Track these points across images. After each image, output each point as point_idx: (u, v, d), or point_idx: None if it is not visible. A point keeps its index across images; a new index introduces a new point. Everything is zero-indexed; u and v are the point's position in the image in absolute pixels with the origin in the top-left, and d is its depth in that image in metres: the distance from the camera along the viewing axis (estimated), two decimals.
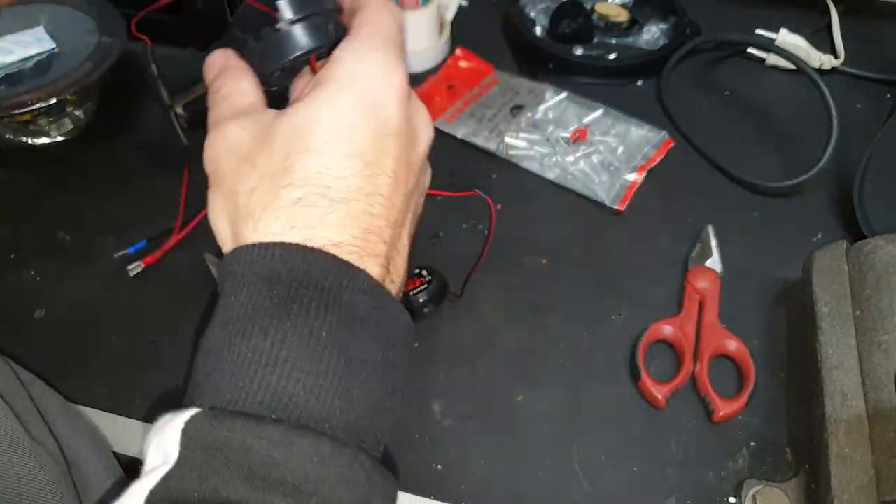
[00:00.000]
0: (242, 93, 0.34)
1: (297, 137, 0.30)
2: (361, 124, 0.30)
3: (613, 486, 0.44)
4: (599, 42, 0.71)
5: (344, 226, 0.29)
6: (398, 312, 0.31)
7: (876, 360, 0.42)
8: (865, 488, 0.39)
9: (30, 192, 0.59)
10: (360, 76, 0.31)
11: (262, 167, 0.30)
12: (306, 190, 0.29)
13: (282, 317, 0.27)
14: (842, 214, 0.58)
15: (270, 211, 0.29)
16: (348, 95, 0.31)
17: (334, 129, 0.30)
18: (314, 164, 0.29)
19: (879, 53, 0.70)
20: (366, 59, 0.32)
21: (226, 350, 0.27)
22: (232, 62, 0.36)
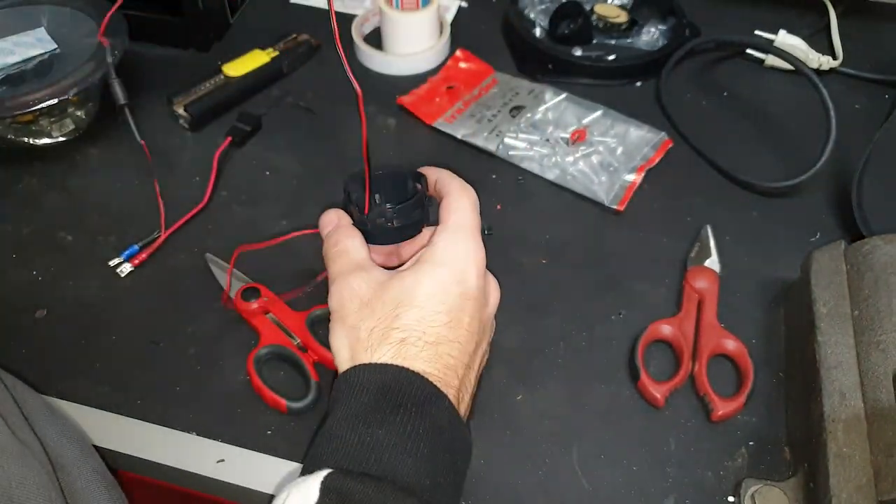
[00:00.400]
0: (356, 249, 0.43)
1: (405, 295, 0.40)
2: (451, 290, 0.40)
3: (613, 486, 0.44)
4: (599, 43, 0.71)
5: (432, 361, 0.39)
6: (466, 434, 0.40)
7: (874, 359, 0.42)
8: (864, 487, 0.39)
9: (31, 192, 0.60)
10: (451, 256, 0.41)
11: (378, 313, 0.39)
12: (408, 333, 0.39)
13: (391, 415, 0.36)
14: (840, 214, 0.58)
15: (383, 345, 0.39)
16: (443, 270, 0.40)
17: (431, 292, 0.40)
18: (415, 315, 0.39)
19: (878, 54, 0.71)
20: (456, 243, 0.41)
21: (349, 433, 0.36)
22: (344, 221, 0.44)
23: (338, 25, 0.38)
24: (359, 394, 0.38)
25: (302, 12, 0.75)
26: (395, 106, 0.66)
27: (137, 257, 0.54)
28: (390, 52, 0.69)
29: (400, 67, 0.69)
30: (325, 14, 0.74)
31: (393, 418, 0.37)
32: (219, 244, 0.55)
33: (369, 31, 0.73)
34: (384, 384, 0.38)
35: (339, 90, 0.40)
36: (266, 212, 0.59)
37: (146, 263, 0.54)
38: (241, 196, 0.59)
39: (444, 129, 0.63)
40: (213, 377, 0.49)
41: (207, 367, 0.49)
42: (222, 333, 0.51)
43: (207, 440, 0.46)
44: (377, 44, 0.70)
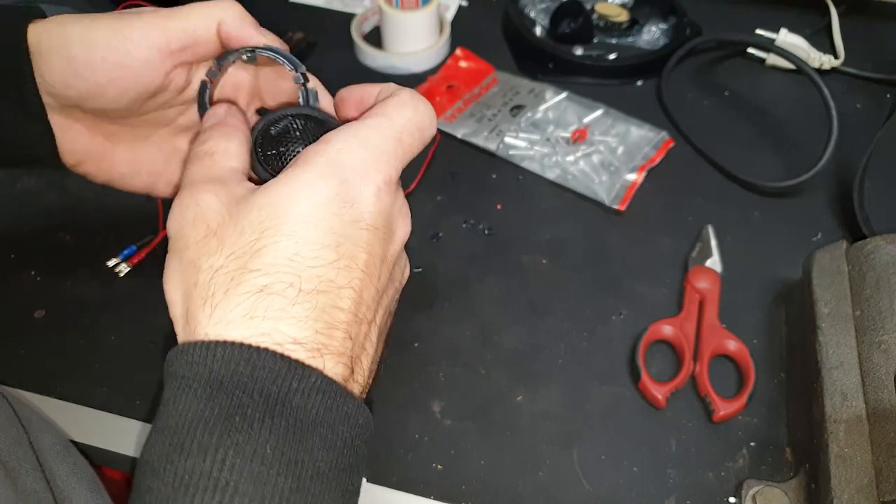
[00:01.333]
0: (227, 154, 0.33)
1: (272, 217, 0.29)
2: (339, 212, 0.30)
3: (613, 487, 0.44)
4: (599, 42, 0.71)
5: (308, 319, 0.28)
6: (355, 410, 0.29)
7: (876, 360, 0.42)
8: (865, 488, 0.39)
9: (30, 192, 0.59)
10: (343, 162, 0.30)
11: (231, 245, 0.29)
12: (274, 277, 0.28)
13: (223, 432, 0.25)
14: (842, 214, 0.58)
15: (232, 296, 0.28)
16: (329, 183, 0.30)
17: (311, 214, 0.29)
18: (287, 249, 0.28)
19: (879, 53, 0.71)
20: (357, 146, 0.31)
21: (163, 467, 0.25)
22: (232, 119, 0.35)
23: (337, 24, 0.38)
24: (178, 395, 0.26)
25: (299, 11, 0.75)
26: None
27: (136, 257, 0.54)
28: (390, 50, 0.69)
29: (399, 66, 0.69)
30: (321, 12, 0.74)
31: (224, 437, 0.25)
32: None
33: (369, 30, 0.73)
34: (214, 376, 0.26)
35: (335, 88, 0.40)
36: None
37: (144, 263, 0.54)
38: None
39: (443, 129, 0.63)
40: None
41: None
42: None
43: None
44: (377, 42, 0.70)
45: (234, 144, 0.34)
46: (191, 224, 0.30)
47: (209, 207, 0.30)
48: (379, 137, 0.32)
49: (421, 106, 0.34)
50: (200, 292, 0.28)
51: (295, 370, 0.27)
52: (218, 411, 0.26)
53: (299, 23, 0.72)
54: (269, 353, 0.27)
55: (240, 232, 0.29)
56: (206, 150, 0.33)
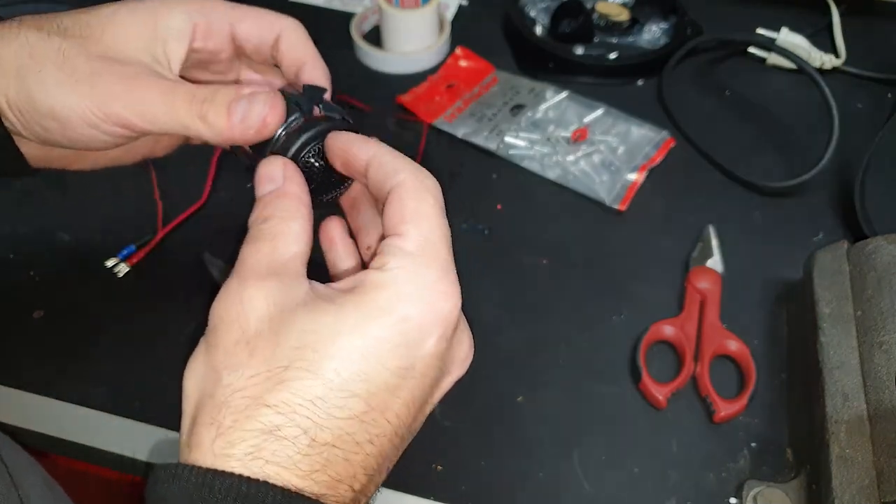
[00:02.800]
0: (289, 238, 0.29)
1: (310, 346, 0.26)
2: (386, 360, 0.26)
3: (614, 487, 0.44)
4: (600, 41, 0.71)
5: (314, 472, 0.25)
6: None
7: (877, 360, 0.42)
8: (866, 489, 0.39)
9: (30, 192, 0.59)
10: (405, 300, 0.27)
11: (258, 363, 0.26)
12: (289, 419, 0.25)
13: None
14: (843, 214, 0.58)
15: (239, 430, 0.25)
16: (384, 322, 0.26)
17: (353, 357, 0.26)
18: (312, 389, 0.25)
19: (880, 53, 0.70)
20: (417, 281, 0.27)
21: None
22: (291, 185, 0.31)
23: (337, 23, 0.38)
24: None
25: (298, 10, 0.75)
26: (395, 105, 0.65)
27: (135, 257, 0.54)
28: (390, 50, 0.69)
29: (399, 66, 0.69)
30: (320, 11, 0.73)
31: None
32: (217, 244, 0.55)
33: (369, 30, 0.73)
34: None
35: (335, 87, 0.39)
36: None
37: (143, 263, 0.54)
38: (239, 196, 0.59)
39: (443, 128, 0.63)
40: None
41: None
42: None
43: None
44: (376, 42, 0.70)
45: (297, 225, 0.30)
46: (229, 323, 0.27)
47: (253, 310, 0.27)
48: (438, 255, 0.28)
49: (430, 182, 0.31)
50: (212, 409, 0.26)
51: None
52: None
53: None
54: (266, 486, 0.25)
55: (272, 351, 0.26)
56: (269, 232, 0.29)
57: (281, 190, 0.31)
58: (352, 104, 0.64)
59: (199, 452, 0.25)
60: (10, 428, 0.46)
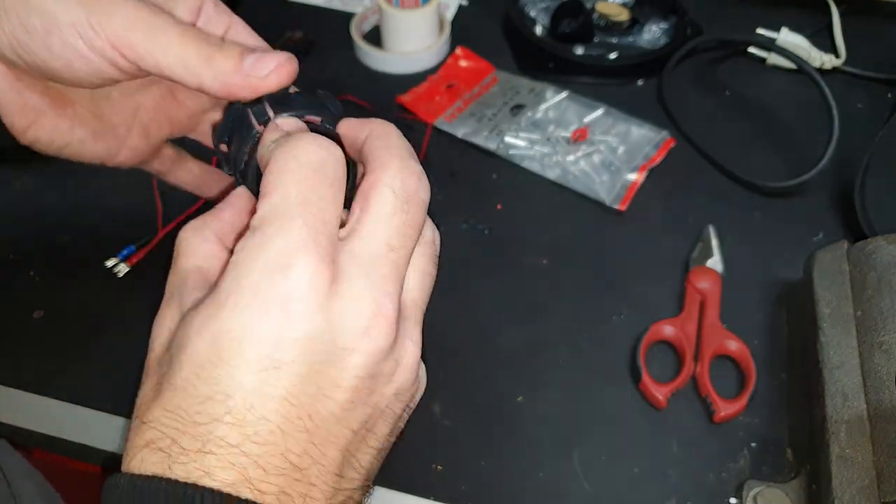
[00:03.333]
0: (189, 251, 0.31)
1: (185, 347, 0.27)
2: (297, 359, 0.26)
3: (614, 487, 0.44)
4: (600, 41, 0.71)
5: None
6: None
7: (877, 360, 0.42)
8: (866, 489, 0.39)
9: (30, 192, 0.59)
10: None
11: (154, 369, 0.27)
12: (160, 432, 0.25)
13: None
14: (843, 214, 0.58)
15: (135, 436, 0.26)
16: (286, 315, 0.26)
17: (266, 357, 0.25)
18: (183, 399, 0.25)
19: (880, 53, 0.70)
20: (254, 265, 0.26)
21: None
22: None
23: (336, 23, 0.38)
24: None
25: (298, 10, 0.75)
26: (395, 105, 0.65)
27: (135, 257, 0.54)
28: (390, 50, 0.69)
29: (399, 66, 0.69)
30: (320, 11, 0.73)
31: None
32: None
33: (369, 29, 0.73)
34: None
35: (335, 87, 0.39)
36: None
37: (143, 263, 0.54)
38: None
39: (443, 128, 0.63)
40: None
41: None
42: None
43: None
44: (376, 42, 0.70)
45: (200, 235, 0.32)
46: (154, 337, 0.30)
47: (164, 318, 0.30)
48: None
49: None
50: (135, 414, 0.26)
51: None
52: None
53: (298, 22, 0.72)
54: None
55: (168, 352, 0.28)
56: (177, 249, 0.32)
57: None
58: (354, 103, 0.64)
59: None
60: (9, 427, 0.46)
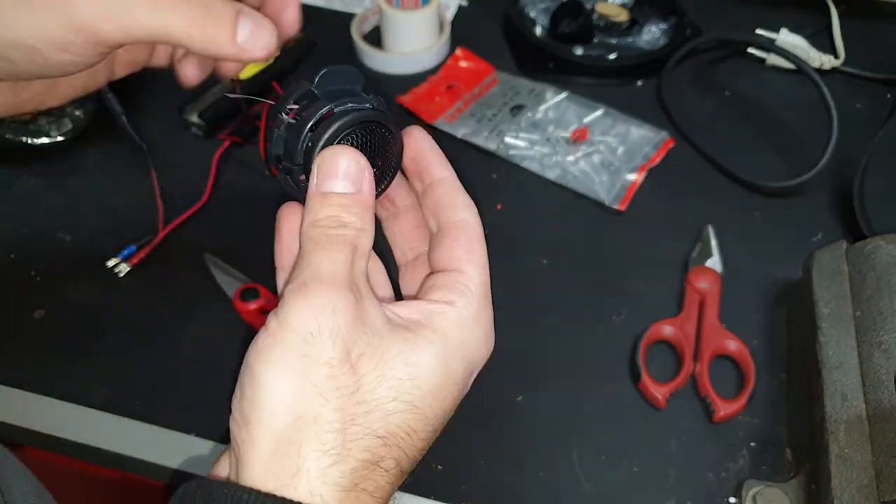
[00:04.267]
0: (365, 254, 0.28)
1: (412, 379, 0.26)
2: (454, 395, 0.29)
3: (613, 487, 0.44)
4: (599, 42, 0.71)
5: (385, 496, 0.27)
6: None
7: (876, 360, 0.42)
8: (866, 489, 0.39)
9: (30, 192, 0.59)
10: (474, 343, 0.30)
11: (366, 391, 0.25)
12: (389, 452, 0.26)
13: None
14: (842, 214, 0.58)
15: (351, 460, 0.25)
16: (461, 366, 0.29)
17: (438, 392, 0.27)
18: (411, 423, 0.26)
19: (880, 53, 0.70)
20: (483, 324, 0.30)
21: None
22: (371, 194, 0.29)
23: (337, 24, 0.37)
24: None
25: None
26: (395, 105, 0.65)
27: (135, 257, 0.54)
28: (390, 50, 0.69)
29: (399, 66, 0.69)
30: (321, 12, 0.73)
31: None
32: (217, 244, 0.55)
33: (369, 30, 0.73)
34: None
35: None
36: (266, 212, 0.58)
37: (144, 264, 0.54)
38: (240, 196, 0.59)
39: (443, 129, 0.63)
40: (213, 378, 0.49)
41: (206, 367, 0.49)
42: (221, 334, 0.51)
43: (206, 441, 0.46)
44: (376, 42, 0.70)
45: (367, 240, 0.28)
46: (329, 336, 0.25)
47: (349, 325, 0.25)
48: (489, 306, 0.31)
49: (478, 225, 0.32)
50: (321, 435, 0.24)
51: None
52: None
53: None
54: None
55: (378, 380, 0.25)
56: (349, 241, 0.27)
57: (363, 198, 0.28)
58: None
59: (303, 479, 0.24)
60: (9, 427, 0.46)
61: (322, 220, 0.28)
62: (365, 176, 0.28)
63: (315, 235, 0.27)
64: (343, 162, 0.28)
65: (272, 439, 0.25)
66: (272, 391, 0.25)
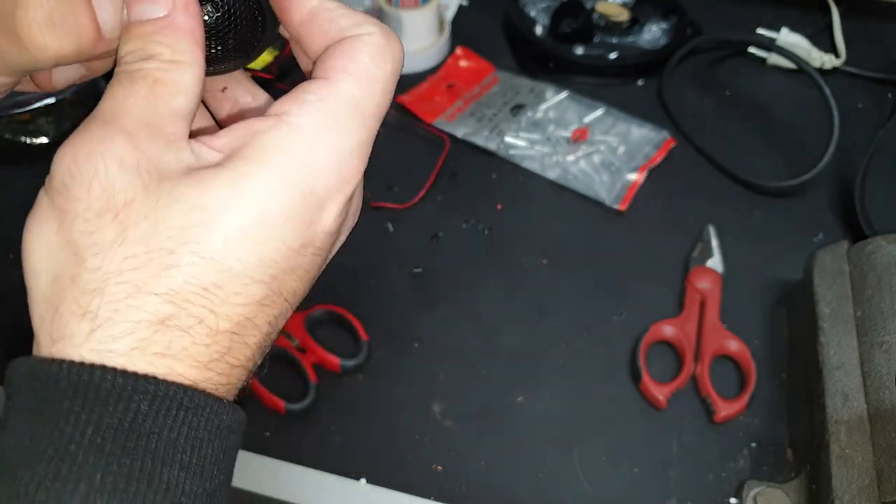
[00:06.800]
0: (176, 89, 0.23)
1: (200, 226, 0.22)
2: (289, 241, 0.23)
3: (614, 487, 0.44)
4: (600, 41, 0.71)
5: (212, 361, 0.23)
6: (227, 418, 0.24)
7: (877, 360, 0.42)
8: (867, 489, 0.39)
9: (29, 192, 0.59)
10: (313, 169, 0.23)
11: (135, 243, 0.21)
12: (181, 309, 0.22)
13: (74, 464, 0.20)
14: (843, 214, 0.57)
15: (122, 322, 0.21)
16: (288, 196, 0.23)
17: (253, 238, 0.22)
18: (205, 276, 0.22)
19: (880, 53, 0.70)
20: (329, 147, 0.23)
21: None
22: (186, 17, 0.23)
23: None
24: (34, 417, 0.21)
25: None
26: (395, 104, 0.65)
27: None
28: None
29: None
30: None
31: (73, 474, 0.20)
32: None
33: None
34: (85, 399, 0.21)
35: None
36: None
37: None
38: None
39: (443, 128, 0.63)
40: None
41: None
42: None
43: None
44: None
45: (190, 74, 0.23)
46: (86, 183, 0.22)
47: (120, 172, 0.22)
48: (360, 128, 0.24)
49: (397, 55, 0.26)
50: (79, 297, 0.22)
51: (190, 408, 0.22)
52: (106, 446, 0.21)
53: None
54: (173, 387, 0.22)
55: (152, 230, 0.21)
56: (150, 75, 0.23)
57: (171, 20, 0.23)
58: None
59: (70, 346, 0.22)
60: None
61: (123, 55, 0.23)
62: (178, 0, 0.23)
63: (116, 73, 0.24)
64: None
65: (41, 305, 0.24)
66: (31, 253, 0.24)
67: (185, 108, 0.23)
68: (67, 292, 0.22)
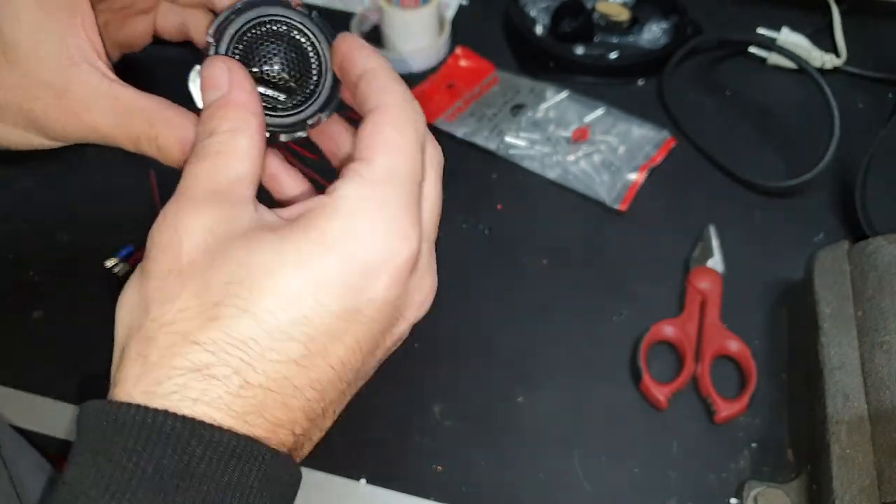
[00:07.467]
0: (234, 157, 0.26)
1: (246, 282, 0.24)
2: (328, 303, 0.24)
3: (614, 488, 0.44)
4: (600, 41, 0.71)
5: (247, 414, 0.24)
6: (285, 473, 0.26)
7: (878, 360, 0.42)
8: (867, 489, 0.39)
9: (29, 192, 0.59)
10: (353, 236, 0.25)
11: (189, 297, 0.24)
12: (220, 358, 0.23)
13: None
14: (844, 214, 0.57)
15: (165, 367, 0.24)
16: (328, 260, 0.24)
17: (290, 296, 0.24)
18: (244, 329, 0.23)
19: (881, 53, 0.70)
20: (369, 216, 0.25)
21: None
22: (237, 92, 0.27)
23: (337, 23, 0.37)
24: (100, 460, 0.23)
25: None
26: None
27: (134, 257, 0.54)
28: (390, 49, 0.69)
29: (399, 65, 0.69)
30: (321, 11, 0.73)
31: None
32: None
33: (369, 29, 0.72)
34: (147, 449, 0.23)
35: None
36: None
37: None
38: None
39: (443, 128, 0.63)
40: None
41: None
42: None
43: None
44: (377, 42, 0.69)
45: (244, 139, 0.26)
46: (163, 250, 0.25)
47: (187, 237, 0.25)
48: (399, 188, 0.26)
49: (414, 110, 0.28)
50: (139, 343, 0.25)
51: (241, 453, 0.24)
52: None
53: None
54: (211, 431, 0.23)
55: (205, 284, 0.24)
56: (210, 147, 0.26)
57: (226, 98, 0.27)
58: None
59: (125, 388, 0.25)
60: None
61: (196, 136, 0.27)
62: (229, 75, 0.27)
63: (192, 153, 0.27)
64: (204, 72, 0.28)
65: (115, 351, 0.27)
66: (119, 308, 0.27)
67: (245, 172, 0.26)
68: (132, 340, 0.25)
